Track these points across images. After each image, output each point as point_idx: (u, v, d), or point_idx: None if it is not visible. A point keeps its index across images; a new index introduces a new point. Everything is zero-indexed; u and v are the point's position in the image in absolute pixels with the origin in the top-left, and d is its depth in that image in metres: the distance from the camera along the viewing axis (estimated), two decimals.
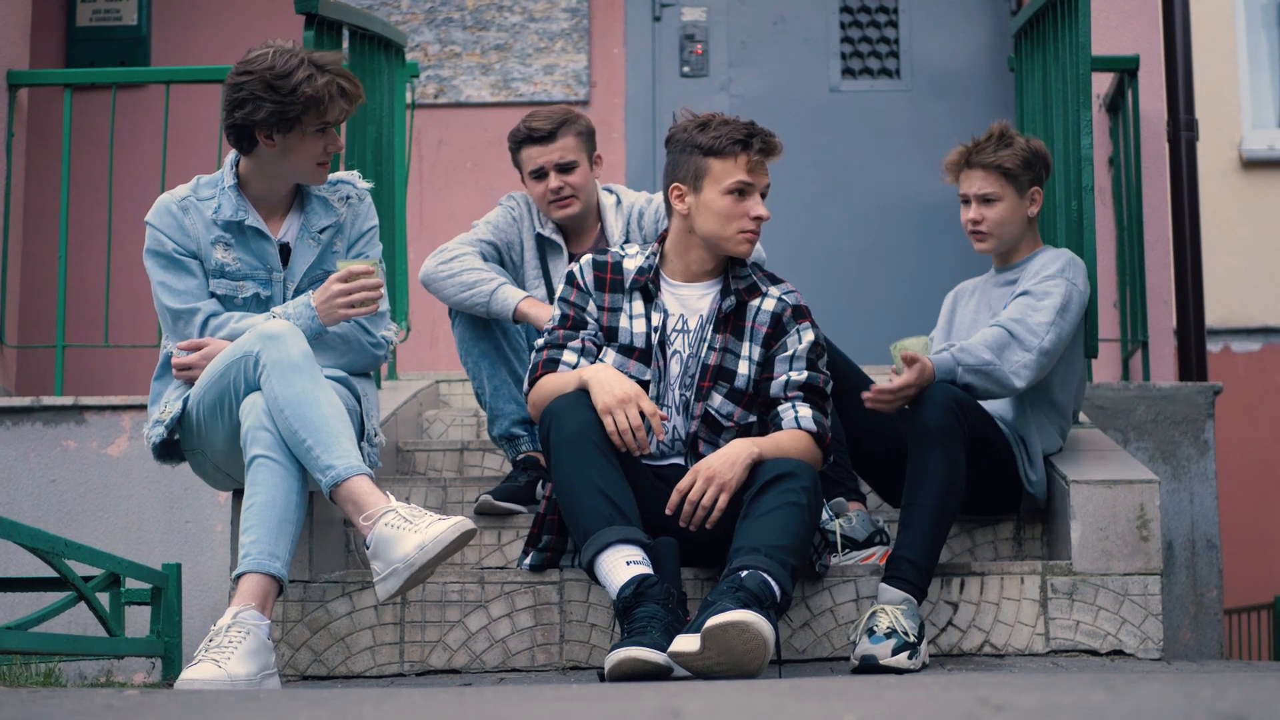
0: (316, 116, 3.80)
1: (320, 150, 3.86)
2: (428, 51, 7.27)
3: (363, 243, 4.03)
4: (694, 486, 3.64)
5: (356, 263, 3.85)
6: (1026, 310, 4.09)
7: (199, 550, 5.14)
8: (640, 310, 3.88)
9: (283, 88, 3.76)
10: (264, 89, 3.77)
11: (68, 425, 5.27)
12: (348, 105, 3.85)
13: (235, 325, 3.83)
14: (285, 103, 3.76)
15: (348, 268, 3.83)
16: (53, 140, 6.12)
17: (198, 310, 3.86)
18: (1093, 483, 4.04)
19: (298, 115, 3.78)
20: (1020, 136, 4.32)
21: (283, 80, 3.76)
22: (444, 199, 7.16)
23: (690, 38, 7.26)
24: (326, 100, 3.79)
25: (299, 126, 3.80)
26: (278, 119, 3.78)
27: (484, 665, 3.90)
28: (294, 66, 3.78)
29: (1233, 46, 8.73)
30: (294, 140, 3.82)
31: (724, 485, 3.63)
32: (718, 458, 3.66)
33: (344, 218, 4.01)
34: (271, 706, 2.21)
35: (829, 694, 2.10)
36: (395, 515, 3.47)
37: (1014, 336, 4.03)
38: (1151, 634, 3.95)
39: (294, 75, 3.76)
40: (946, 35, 7.25)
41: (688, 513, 3.65)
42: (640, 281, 3.88)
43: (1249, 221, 8.64)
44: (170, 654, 4.06)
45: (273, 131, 3.81)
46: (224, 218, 3.88)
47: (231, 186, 3.90)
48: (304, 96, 3.76)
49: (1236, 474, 8.15)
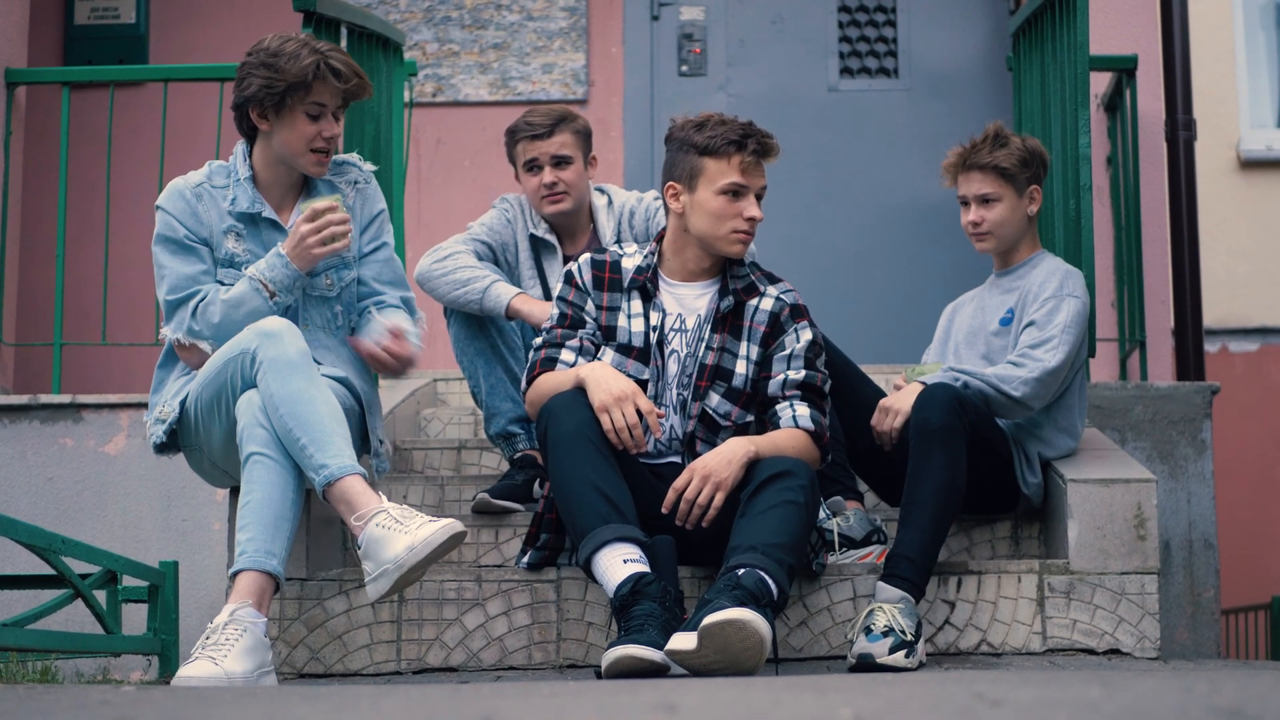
0: (304, 94, 3.82)
1: (313, 134, 3.86)
2: (426, 50, 7.27)
3: (374, 228, 4.04)
4: (690, 485, 3.64)
5: (319, 200, 3.85)
6: (1033, 339, 4.11)
7: (196, 548, 5.13)
8: (639, 309, 3.88)
9: (274, 64, 3.81)
10: (259, 67, 3.83)
11: (65, 423, 5.27)
12: (339, 85, 3.85)
13: (222, 297, 3.81)
14: (273, 79, 3.80)
15: (310, 206, 3.83)
16: (51, 138, 6.11)
17: (196, 293, 3.85)
18: (1090, 482, 4.04)
19: (283, 91, 3.80)
20: (1016, 136, 4.32)
21: (275, 58, 3.81)
22: (442, 198, 7.16)
23: (689, 37, 7.26)
24: (311, 77, 3.80)
25: (288, 105, 3.82)
26: (266, 94, 3.81)
27: (481, 663, 3.90)
28: (290, 47, 3.83)
29: (1231, 47, 8.73)
30: (285, 120, 3.84)
31: (720, 484, 3.63)
32: (713, 456, 3.66)
33: (352, 201, 4.02)
34: (267, 702, 2.21)
35: (825, 689, 2.10)
36: (386, 516, 3.47)
37: (1020, 366, 4.05)
38: (1148, 633, 3.95)
39: (287, 53, 3.81)
40: (945, 35, 7.25)
41: (684, 511, 3.65)
42: (639, 281, 3.88)
43: (1247, 221, 8.64)
44: (167, 651, 4.06)
45: (266, 110, 3.84)
46: (240, 209, 3.89)
47: (247, 178, 3.91)
48: (290, 73, 3.79)
49: (1234, 474, 8.14)
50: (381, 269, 4.04)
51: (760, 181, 3.81)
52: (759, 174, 3.81)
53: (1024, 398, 4.04)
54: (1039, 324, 4.14)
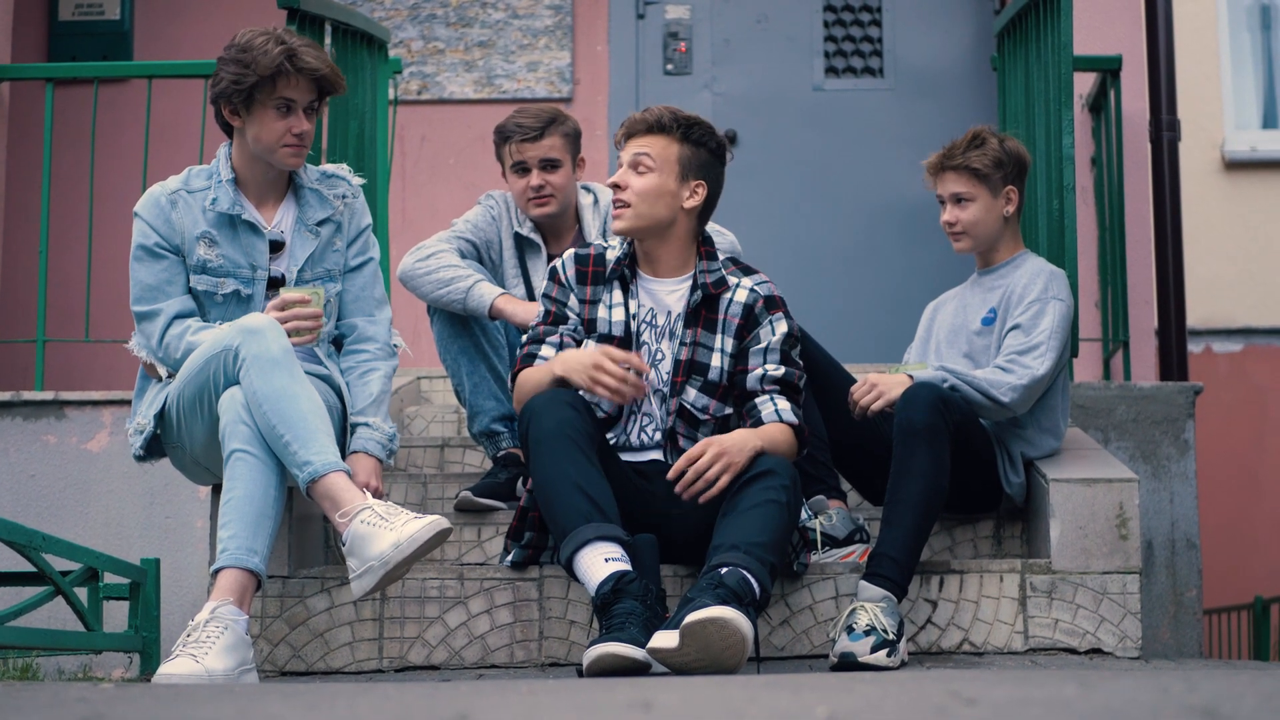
0: (271, 89, 3.79)
1: (283, 130, 3.84)
2: (411, 48, 7.26)
3: (360, 242, 4.02)
4: (704, 457, 3.63)
5: (294, 291, 3.81)
6: (1020, 344, 4.11)
7: (179, 545, 5.13)
8: (619, 299, 3.87)
9: (243, 60, 3.78)
10: (229, 61, 3.81)
11: (48, 420, 5.26)
12: (306, 79, 3.82)
13: (190, 339, 3.79)
14: (241, 74, 3.78)
15: (283, 296, 3.80)
16: (34, 135, 6.10)
17: (159, 312, 3.83)
18: (1072, 481, 4.05)
19: (250, 86, 3.78)
20: (995, 138, 4.32)
21: (245, 53, 3.79)
22: (426, 196, 7.15)
23: (674, 35, 7.26)
24: (276, 71, 3.78)
25: (257, 100, 3.80)
26: (234, 89, 3.79)
27: (463, 661, 3.90)
28: (259, 42, 3.80)
29: (1215, 47, 8.74)
30: (255, 116, 3.82)
31: (730, 465, 3.62)
32: (729, 438, 3.66)
33: (341, 215, 3.99)
34: (244, 700, 2.21)
35: (801, 687, 2.10)
36: (371, 513, 3.47)
37: (1009, 372, 4.06)
38: (1130, 633, 3.96)
39: (254, 48, 3.78)
40: (929, 34, 7.26)
41: (689, 479, 3.63)
42: (617, 270, 3.87)
43: (1231, 222, 8.65)
44: (148, 649, 4.05)
45: (236, 106, 3.82)
46: (220, 209, 3.86)
47: (229, 180, 3.89)
48: (257, 67, 3.77)
49: (1217, 474, 8.16)
50: (364, 287, 4.02)
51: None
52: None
53: (1011, 404, 4.05)
54: (1024, 328, 4.15)
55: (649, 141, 3.81)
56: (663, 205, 3.81)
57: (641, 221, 3.81)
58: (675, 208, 3.82)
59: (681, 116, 3.83)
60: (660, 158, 3.81)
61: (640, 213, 3.80)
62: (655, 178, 3.80)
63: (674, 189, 3.81)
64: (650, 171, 3.80)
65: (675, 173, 3.80)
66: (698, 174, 3.82)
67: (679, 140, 3.81)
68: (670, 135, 3.81)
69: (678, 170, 3.80)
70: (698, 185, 3.83)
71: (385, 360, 4.00)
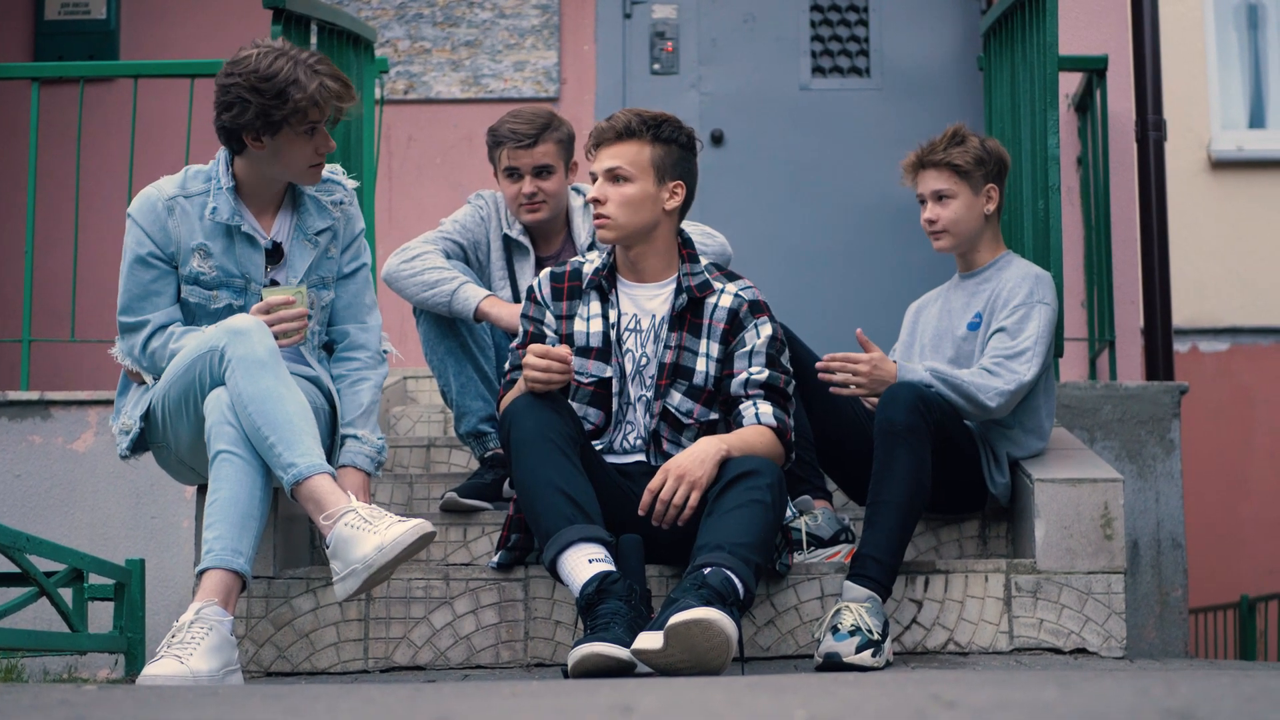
0: (302, 118, 3.71)
1: (311, 152, 3.78)
2: (397, 47, 7.26)
3: (354, 248, 4.00)
4: (665, 485, 3.64)
5: (277, 292, 3.77)
6: (1006, 348, 4.10)
7: (165, 546, 5.12)
8: (597, 310, 3.87)
9: (268, 90, 3.67)
10: (249, 91, 3.67)
11: (33, 420, 5.25)
12: (339, 105, 3.76)
13: (174, 345, 3.76)
14: (270, 106, 3.67)
15: (267, 299, 3.76)
16: (20, 134, 6.09)
17: (146, 324, 3.81)
18: (1057, 481, 4.05)
19: (284, 119, 3.69)
20: (974, 136, 4.33)
21: (268, 83, 3.67)
22: (413, 196, 7.15)
23: (661, 35, 7.26)
24: (312, 105, 3.69)
25: (286, 129, 3.71)
26: (263, 122, 3.69)
27: (448, 662, 3.90)
28: (280, 68, 3.68)
29: (1202, 47, 8.75)
30: (283, 142, 3.74)
31: (694, 483, 3.63)
32: (687, 456, 3.66)
33: (339, 222, 3.97)
34: (227, 702, 2.21)
35: (783, 689, 2.10)
36: (355, 516, 3.46)
37: (996, 375, 4.05)
38: (1115, 632, 3.97)
39: (279, 77, 3.67)
40: (916, 34, 7.26)
41: (659, 511, 3.65)
42: (594, 280, 3.87)
43: (1217, 222, 8.66)
44: (133, 650, 4.05)
45: (260, 134, 3.72)
46: (220, 220, 3.80)
47: (230, 189, 3.82)
48: (291, 101, 3.67)
49: (1203, 474, 8.17)
50: (356, 294, 4.00)
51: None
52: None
53: (996, 408, 4.05)
54: (1010, 331, 4.14)
55: (621, 150, 3.81)
56: (645, 211, 3.81)
57: (626, 231, 3.81)
58: (657, 212, 3.82)
59: (648, 117, 3.83)
60: (635, 164, 3.80)
61: (623, 223, 3.80)
62: (634, 186, 3.80)
63: (654, 193, 3.81)
64: (628, 181, 3.80)
65: (652, 176, 3.80)
66: (674, 173, 3.82)
67: (650, 142, 3.81)
68: (641, 139, 3.81)
69: (654, 174, 3.80)
70: (676, 185, 3.83)
71: (375, 369, 3.99)
